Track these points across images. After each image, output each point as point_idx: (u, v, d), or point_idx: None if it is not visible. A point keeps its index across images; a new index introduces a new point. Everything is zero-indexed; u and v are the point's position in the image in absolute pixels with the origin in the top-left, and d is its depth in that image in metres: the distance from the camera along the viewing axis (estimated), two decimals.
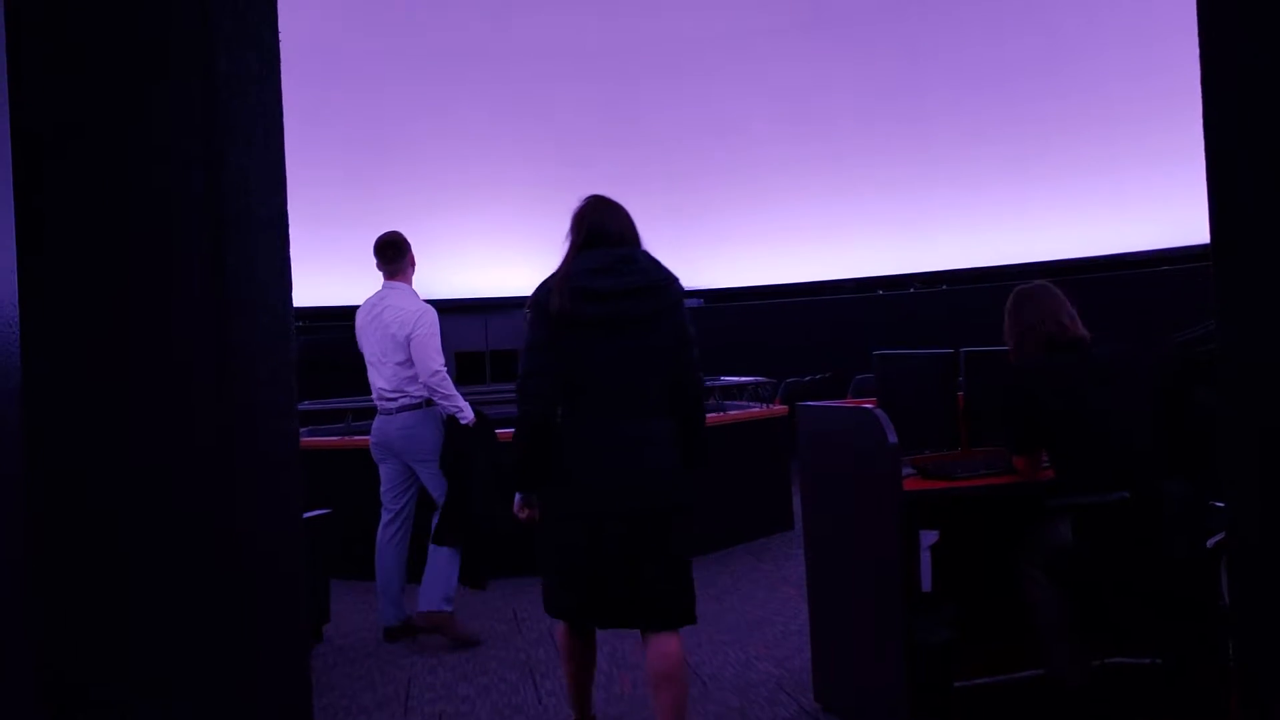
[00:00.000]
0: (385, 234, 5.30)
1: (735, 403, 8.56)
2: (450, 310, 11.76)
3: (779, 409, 7.83)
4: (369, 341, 5.19)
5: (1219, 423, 1.77)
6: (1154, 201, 10.19)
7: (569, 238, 3.42)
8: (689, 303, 3.59)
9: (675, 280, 3.41)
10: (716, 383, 8.27)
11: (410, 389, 5.12)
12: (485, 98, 12.61)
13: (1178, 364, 3.51)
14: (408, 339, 5.05)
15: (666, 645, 3.29)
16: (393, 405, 5.13)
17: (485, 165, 12.66)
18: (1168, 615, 3.40)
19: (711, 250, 13.04)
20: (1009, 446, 3.58)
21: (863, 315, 11.59)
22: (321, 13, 11.51)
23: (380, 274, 5.26)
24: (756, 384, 8.62)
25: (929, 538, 3.96)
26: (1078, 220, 10.92)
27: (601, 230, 3.42)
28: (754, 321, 12.25)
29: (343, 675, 4.64)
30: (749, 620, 5.24)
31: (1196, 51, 1.72)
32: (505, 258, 12.71)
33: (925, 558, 3.92)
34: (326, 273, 11.44)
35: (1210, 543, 3.04)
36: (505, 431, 5.09)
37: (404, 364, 5.10)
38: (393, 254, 5.23)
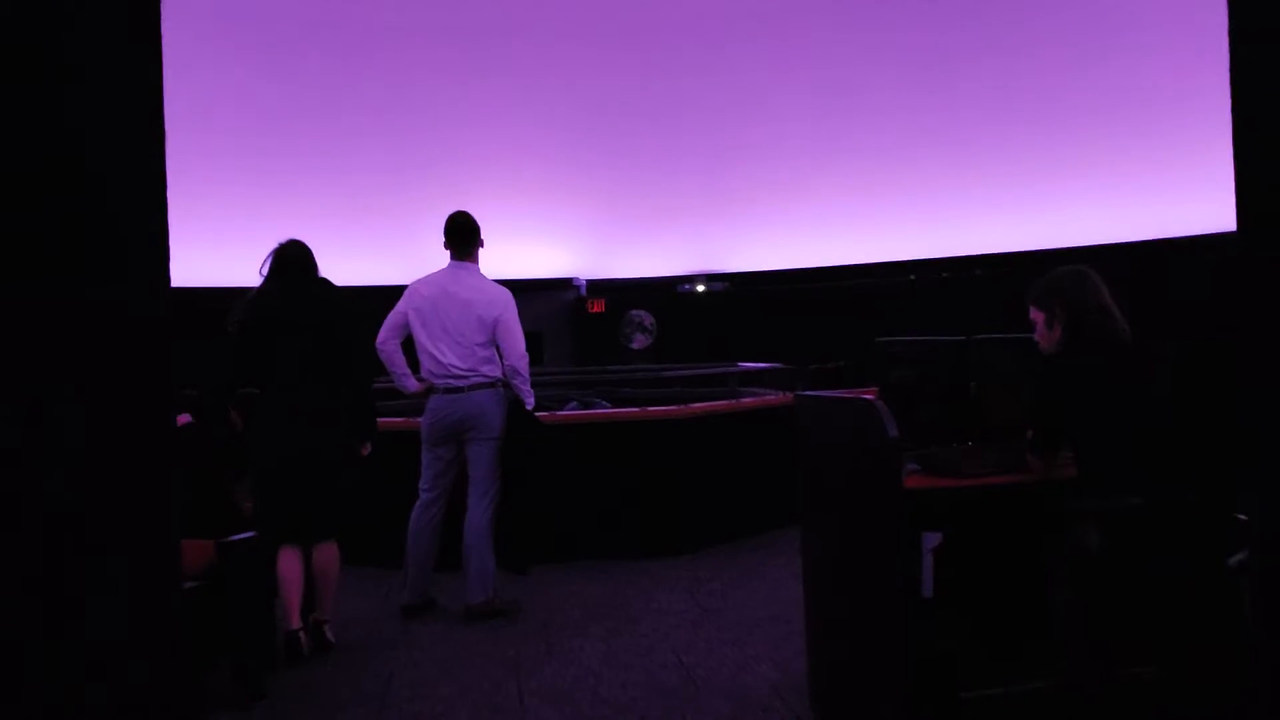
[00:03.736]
0: (457, 214, 5.34)
1: (753, 389, 8.29)
2: None
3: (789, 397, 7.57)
4: (441, 318, 5.12)
5: (1242, 428, 1.56)
6: (1199, 184, 9.79)
7: None
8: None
9: None
10: (733, 369, 8.03)
11: (484, 369, 5.14)
12: (510, 77, 12.39)
13: (1204, 362, 3.23)
14: (495, 320, 5.10)
15: None
16: (463, 383, 5.09)
17: (510, 147, 12.44)
18: (1190, 628, 3.12)
19: (738, 234, 12.77)
20: (1032, 442, 3.32)
21: (894, 300, 11.25)
22: None
23: (448, 253, 5.29)
24: (774, 370, 8.36)
25: (933, 539, 3.69)
26: (1118, 202, 10.53)
27: None
28: (780, 307, 11.95)
29: (323, 669, 4.44)
30: (752, 618, 5.00)
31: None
32: (528, 241, 12.51)
33: (927, 561, 3.65)
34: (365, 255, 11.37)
35: (1233, 561, 2.77)
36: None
37: (484, 344, 5.13)
38: (468, 235, 5.27)
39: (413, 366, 5.23)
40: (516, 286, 12.10)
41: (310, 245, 4.77)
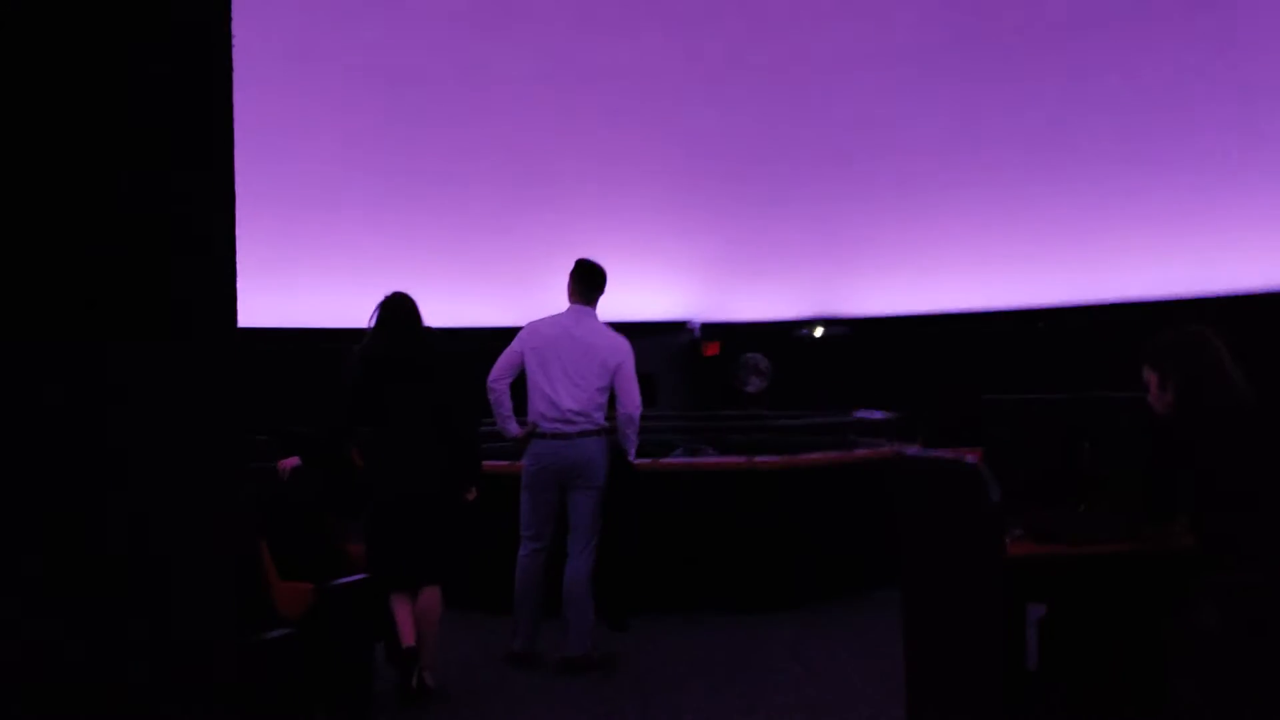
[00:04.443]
0: (588, 260, 5.42)
1: (870, 440, 8.10)
2: None
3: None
4: (563, 360, 5.14)
5: None
6: None
7: None
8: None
9: None
10: (847, 419, 7.87)
11: (596, 415, 5.16)
12: (624, 115, 12.50)
13: None
14: (617, 367, 5.14)
15: None
16: (573, 429, 5.10)
17: (623, 187, 12.53)
18: None
19: (858, 276, 12.56)
20: (1144, 509, 3.14)
21: (1022, 348, 10.87)
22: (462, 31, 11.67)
23: (569, 297, 5.34)
24: (892, 421, 8.16)
25: (1040, 610, 3.51)
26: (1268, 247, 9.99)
27: None
28: (902, 353, 11.68)
29: (419, 716, 4.45)
30: (854, 681, 4.83)
31: None
32: (642, 282, 12.55)
33: (1032, 633, 3.48)
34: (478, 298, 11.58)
35: None
36: None
37: (602, 390, 5.16)
38: (596, 281, 5.35)
39: (516, 408, 5.25)
40: (629, 328, 12.13)
41: (424, 288, 4.88)
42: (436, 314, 5.73)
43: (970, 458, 3.26)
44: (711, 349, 12.69)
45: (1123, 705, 3.23)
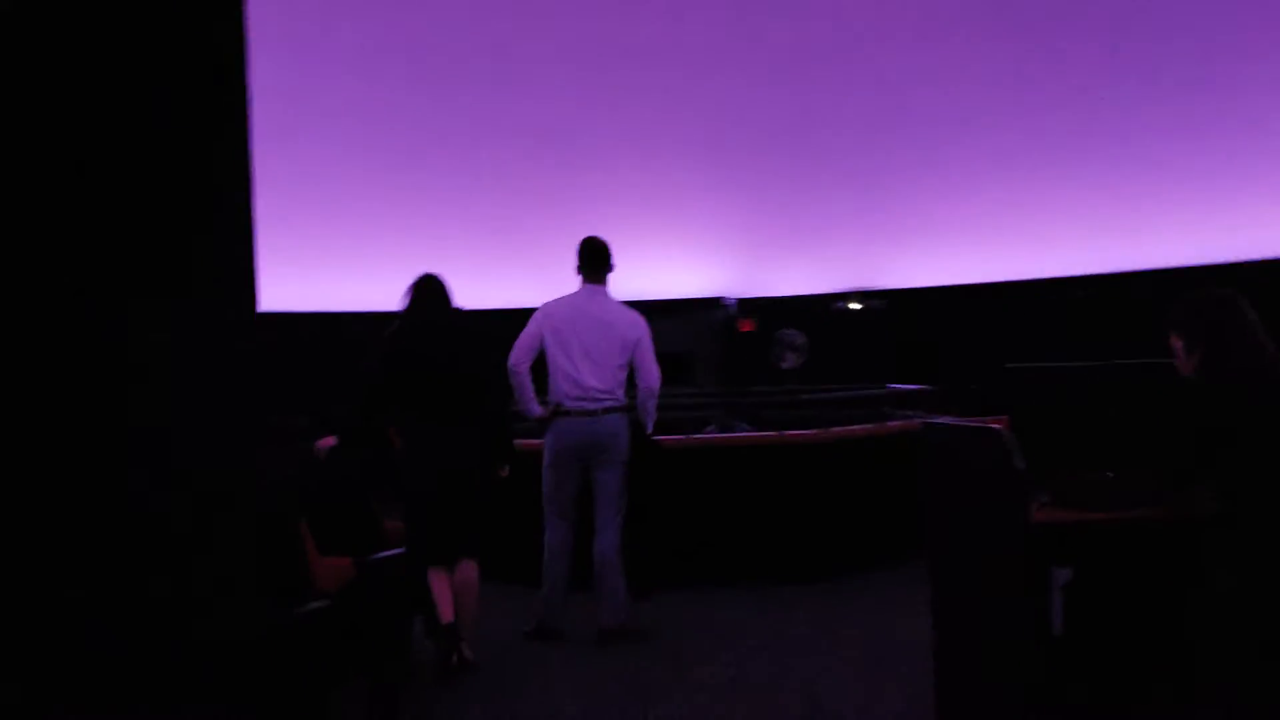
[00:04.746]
0: (593, 238, 5.42)
1: (905, 412, 8.10)
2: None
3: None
4: (582, 339, 5.19)
5: None
6: None
7: None
8: None
9: None
10: (880, 391, 7.87)
11: (618, 392, 5.23)
12: (659, 91, 12.46)
13: None
14: (636, 343, 5.20)
15: None
16: (598, 406, 5.16)
17: (658, 163, 12.52)
18: None
19: (894, 249, 12.47)
20: (1170, 476, 3.14)
21: (1059, 317, 10.77)
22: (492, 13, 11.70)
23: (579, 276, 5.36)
24: (926, 393, 8.15)
25: (1065, 575, 3.52)
26: None
27: None
28: (939, 325, 11.60)
29: (456, 688, 4.53)
30: (885, 649, 4.87)
31: None
32: (677, 258, 12.57)
33: (1058, 597, 3.49)
34: (502, 275, 11.61)
35: None
36: None
37: (622, 366, 5.23)
38: (603, 259, 5.35)
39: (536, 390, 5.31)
40: (665, 305, 12.24)
41: (456, 270, 4.95)
42: (469, 296, 5.80)
43: (996, 426, 3.28)
44: (747, 325, 12.68)
45: (1149, 669, 3.24)
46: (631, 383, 5.29)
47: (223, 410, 1.57)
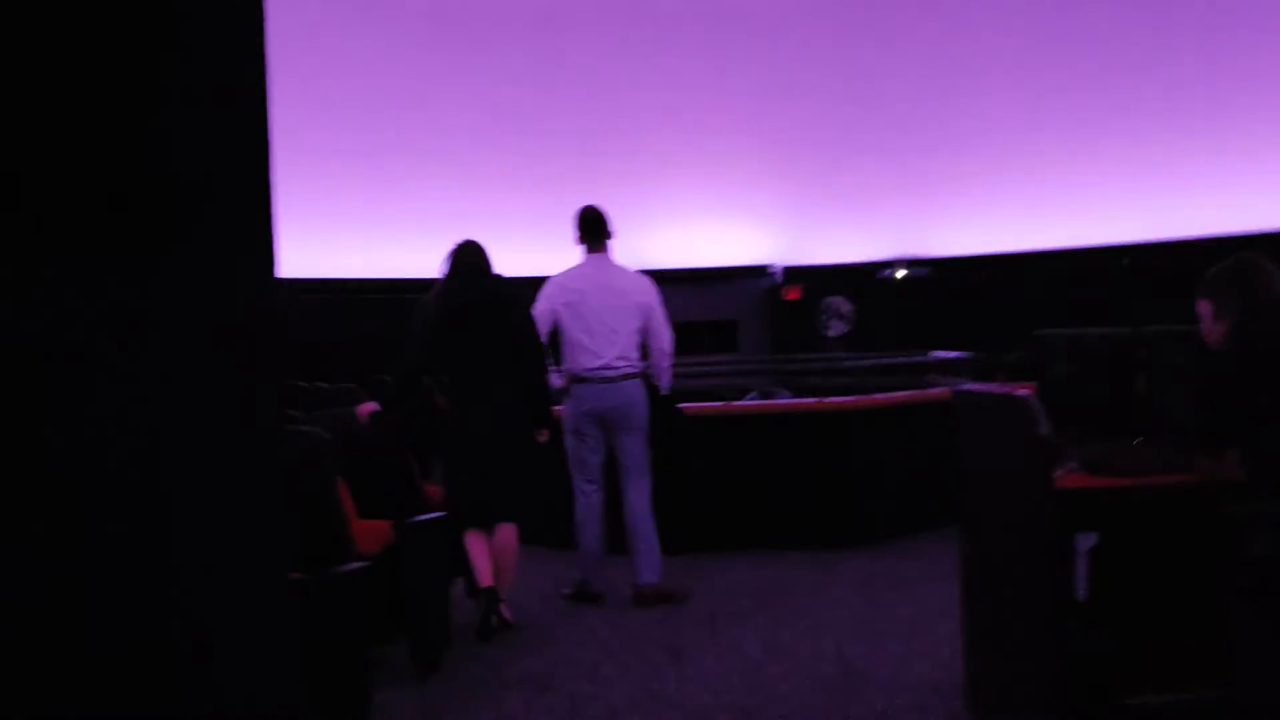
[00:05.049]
0: (590, 207, 5.43)
1: (949, 379, 8.07)
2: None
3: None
4: (599, 310, 5.23)
5: None
6: None
7: None
8: None
9: None
10: (922, 358, 7.85)
11: (633, 356, 5.28)
12: (705, 58, 12.41)
13: None
14: (650, 307, 5.27)
15: None
16: (615, 373, 5.21)
17: (703, 131, 12.48)
18: None
19: (940, 216, 12.35)
20: (1195, 442, 3.14)
21: (1107, 285, 10.61)
22: None
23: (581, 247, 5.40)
24: (969, 360, 8.12)
25: (1090, 540, 3.53)
26: None
27: None
28: (986, 293, 11.48)
29: (495, 648, 4.64)
30: (921, 615, 4.91)
31: None
32: (722, 226, 12.55)
33: (1083, 563, 3.50)
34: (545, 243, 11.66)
35: None
36: None
37: (638, 331, 5.28)
38: (602, 227, 5.37)
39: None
40: (711, 274, 12.23)
41: (498, 238, 5.02)
42: (512, 264, 5.87)
43: (1023, 392, 3.29)
44: (793, 293, 12.66)
45: (1170, 634, 3.25)
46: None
47: (231, 377, 1.55)
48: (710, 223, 12.51)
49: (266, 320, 1.64)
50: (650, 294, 5.31)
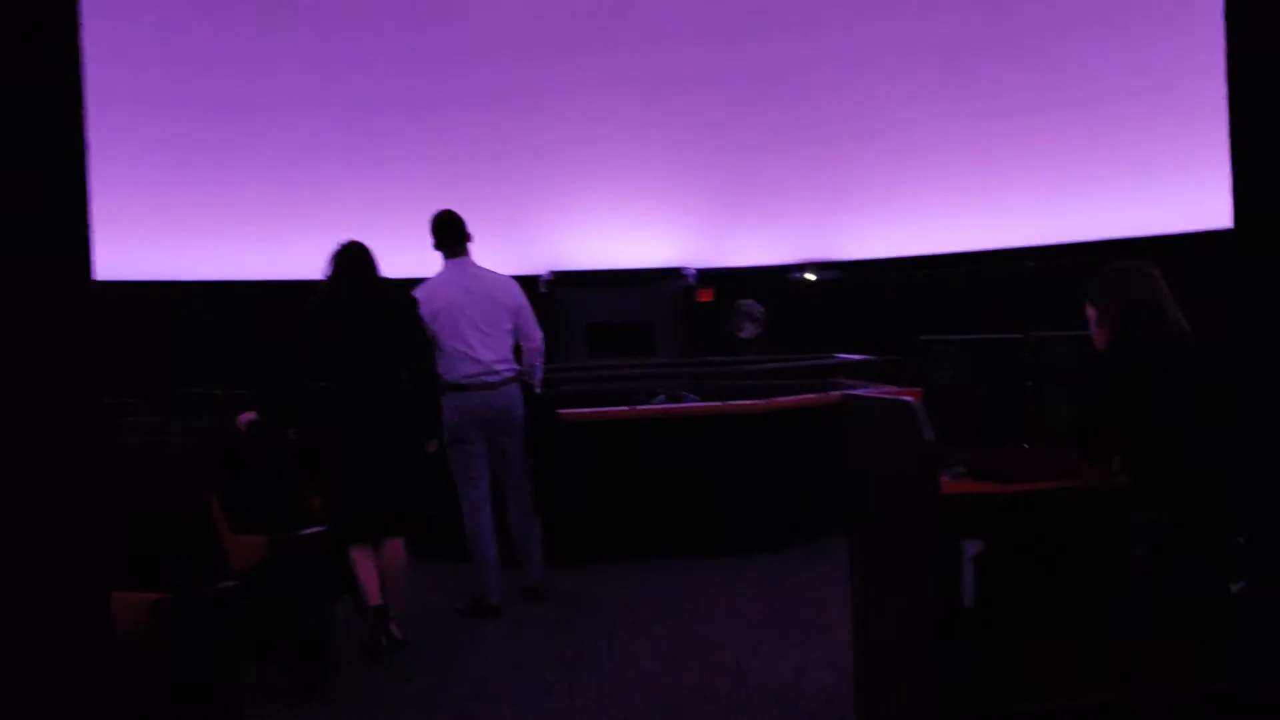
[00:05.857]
0: (445, 211, 5.31)
1: (857, 382, 8.07)
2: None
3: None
4: (471, 316, 5.13)
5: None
6: None
7: None
8: None
9: None
10: (829, 361, 7.84)
11: (511, 359, 5.23)
12: (616, 64, 12.34)
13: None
14: (519, 307, 5.23)
15: None
16: (496, 379, 5.15)
17: (616, 135, 12.39)
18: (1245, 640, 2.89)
19: (850, 221, 12.44)
20: (1081, 448, 3.11)
21: (1012, 289, 10.76)
22: None
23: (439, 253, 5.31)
24: (875, 363, 8.13)
25: (975, 547, 3.51)
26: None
27: None
28: (894, 296, 11.58)
29: (381, 666, 4.46)
30: (822, 620, 4.85)
31: None
32: (636, 230, 12.48)
33: (969, 569, 3.47)
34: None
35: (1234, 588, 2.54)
36: None
37: (511, 332, 5.24)
38: (459, 231, 5.28)
39: None
40: (624, 276, 12.13)
41: (398, 239, 4.90)
42: (411, 266, 5.71)
43: (908, 397, 3.24)
44: (705, 295, 12.62)
45: (1055, 640, 3.22)
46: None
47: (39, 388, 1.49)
48: (624, 226, 12.43)
49: (79, 323, 1.58)
50: (517, 294, 5.28)
